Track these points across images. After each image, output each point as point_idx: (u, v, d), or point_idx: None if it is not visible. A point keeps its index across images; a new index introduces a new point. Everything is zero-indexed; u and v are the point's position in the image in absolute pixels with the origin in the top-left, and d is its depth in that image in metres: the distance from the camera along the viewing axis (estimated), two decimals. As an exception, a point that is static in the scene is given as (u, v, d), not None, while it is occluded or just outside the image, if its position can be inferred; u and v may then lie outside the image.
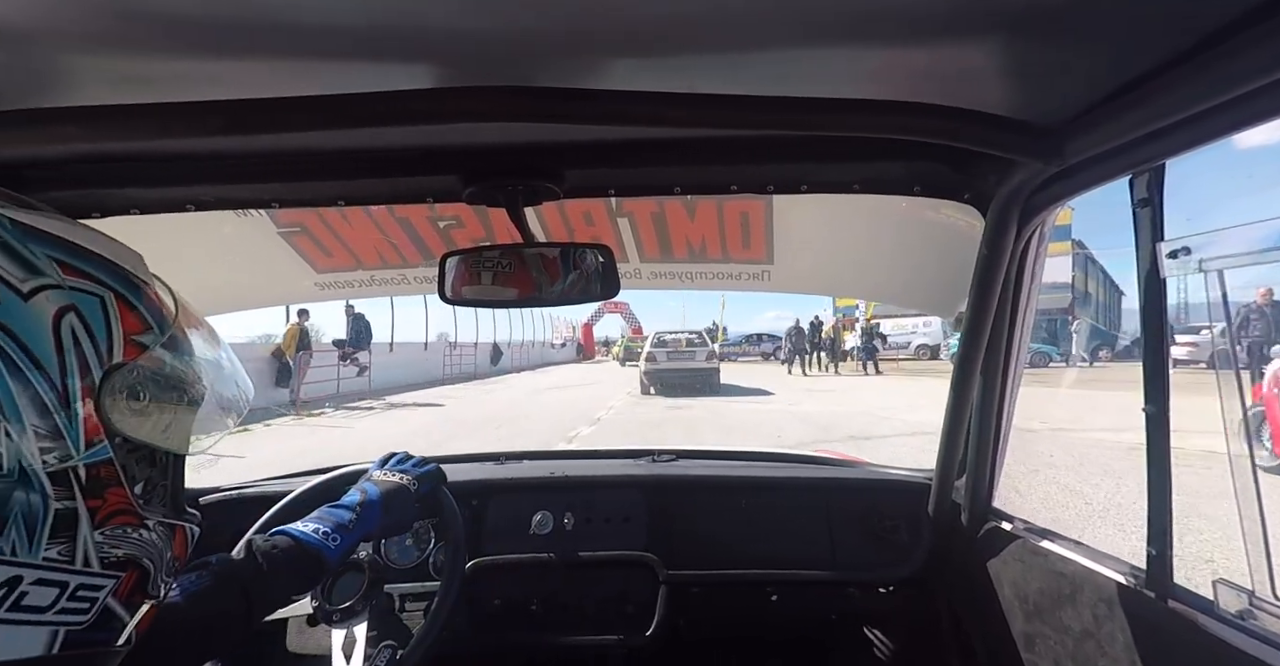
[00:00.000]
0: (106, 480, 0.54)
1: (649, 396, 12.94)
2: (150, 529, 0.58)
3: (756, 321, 76.39)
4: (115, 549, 0.55)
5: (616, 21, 0.55)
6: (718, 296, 41.01)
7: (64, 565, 0.50)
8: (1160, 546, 0.84)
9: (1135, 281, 0.83)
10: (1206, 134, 0.62)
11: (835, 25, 0.56)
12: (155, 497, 0.61)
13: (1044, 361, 17.15)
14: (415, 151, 0.93)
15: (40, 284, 0.50)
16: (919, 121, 0.73)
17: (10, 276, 0.48)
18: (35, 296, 0.49)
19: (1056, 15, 0.53)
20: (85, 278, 0.54)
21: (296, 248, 1.42)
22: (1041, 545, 1.07)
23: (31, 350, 0.49)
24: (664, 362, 13.54)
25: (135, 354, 0.56)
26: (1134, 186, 0.80)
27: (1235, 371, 0.89)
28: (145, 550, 0.58)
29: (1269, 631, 0.73)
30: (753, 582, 1.38)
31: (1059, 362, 17.61)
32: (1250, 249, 0.85)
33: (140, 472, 0.59)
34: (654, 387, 13.31)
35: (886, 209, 1.25)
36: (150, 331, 0.58)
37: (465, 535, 1.12)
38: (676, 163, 0.95)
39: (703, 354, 13.88)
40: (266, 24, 0.54)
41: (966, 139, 0.75)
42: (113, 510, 0.54)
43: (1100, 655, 0.91)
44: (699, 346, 14.14)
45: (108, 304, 0.55)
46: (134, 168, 0.92)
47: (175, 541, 0.63)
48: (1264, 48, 0.49)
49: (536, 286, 1.02)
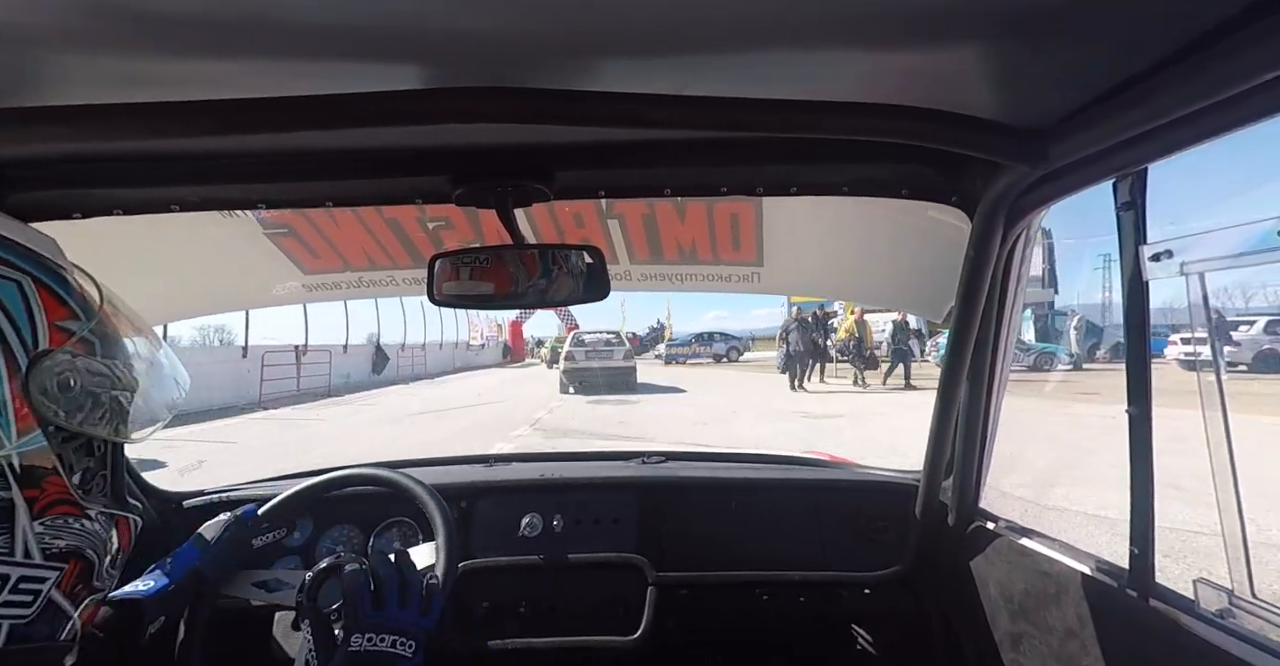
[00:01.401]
0: (43, 469, 0.53)
1: (568, 395, 12.85)
2: (92, 519, 0.58)
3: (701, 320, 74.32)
4: (57, 540, 0.54)
5: (607, 23, 0.55)
6: (661, 297, 39.02)
7: (3, 557, 0.50)
8: (1142, 546, 0.85)
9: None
10: (1188, 139, 0.63)
11: (824, 29, 0.57)
12: (95, 487, 0.61)
13: (1049, 363, 14.46)
14: (404, 152, 0.92)
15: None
16: (906, 124, 0.73)
17: None
18: None
19: (1042, 21, 0.54)
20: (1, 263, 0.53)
21: (284, 249, 1.41)
22: (1027, 545, 1.08)
23: None
24: (582, 361, 13.67)
25: (62, 340, 0.55)
26: (1117, 190, 0.81)
27: (1216, 373, 0.91)
28: (88, 541, 0.57)
29: (1248, 630, 0.74)
30: (742, 584, 1.39)
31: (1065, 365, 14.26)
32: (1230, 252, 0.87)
33: (78, 462, 0.59)
34: (573, 386, 13.39)
35: (875, 211, 1.26)
36: (75, 318, 0.57)
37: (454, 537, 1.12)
38: (667, 164, 0.95)
39: (620, 353, 14.08)
40: (254, 23, 0.54)
41: (953, 142, 0.76)
42: (51, 500, 0.54)
43: (1084, 654, 0.92)
44: (616, 346, 14.32)
45: (26, 289, 0.54)
46: (117, 167, 0.90)
47: (119, 532, 0.62)
48: (1245, 53, 0.50)
49: (526, 288, 1.02)
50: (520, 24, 0.55)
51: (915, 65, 0.65)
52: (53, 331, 0.55)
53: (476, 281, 1.03)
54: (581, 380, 13.40)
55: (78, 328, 0.57)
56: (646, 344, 32.86)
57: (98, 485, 0.61)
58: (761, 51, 0.62)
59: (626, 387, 13.51)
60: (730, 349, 26.14)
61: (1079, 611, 0.94)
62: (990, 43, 0.59)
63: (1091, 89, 0.66)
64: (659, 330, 34.22)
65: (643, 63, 0.64)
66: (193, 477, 5.90)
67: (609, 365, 13.71)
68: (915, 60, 0.64)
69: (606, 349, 14.06)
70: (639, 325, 40.55)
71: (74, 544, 0.56)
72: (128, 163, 0.90)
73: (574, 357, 13.74)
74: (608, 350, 14.02)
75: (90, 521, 0.58)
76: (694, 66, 0.65)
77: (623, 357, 14.04)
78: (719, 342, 26.40)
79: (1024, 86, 0.69)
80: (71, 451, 0.58)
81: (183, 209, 1.02)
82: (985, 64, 0.64)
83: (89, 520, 0.58)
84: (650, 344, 32.94)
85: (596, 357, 13.79)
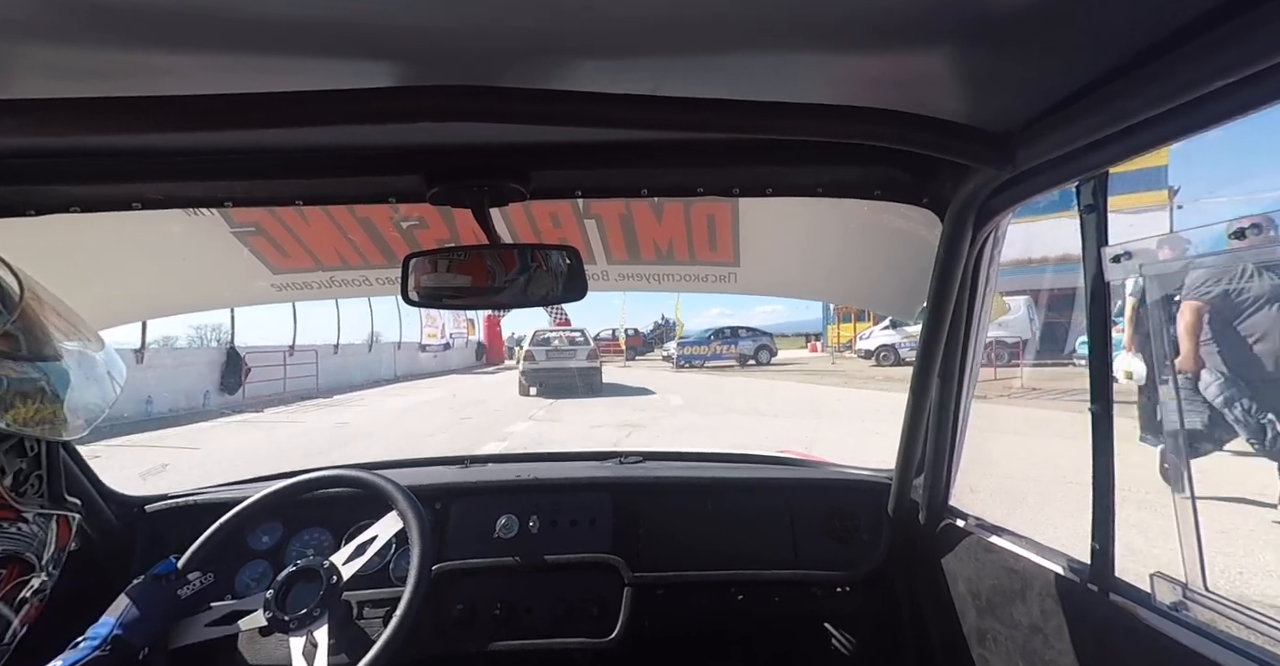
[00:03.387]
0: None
1: (528, 398, 12.20)
2: (29, 522, 0.57)
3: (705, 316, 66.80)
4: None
5: (583, 22, 0.55)
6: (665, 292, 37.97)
7: None
8: (1103, 542, 0.87)
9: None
10: (1149, 142, 0.65)
11: (796, 33, 0.57)
12: (30, 489, 0.59)
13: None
14: (378, 151, 0.91)
15: None
16: (878, 127, 0.75)
17: None
18: None
19: (1007, 27, 0.55)
20: None
21: (251, 248, 1.38)
22: (994, 542, 1.11)
23: None
24: (543, 362, 12.91)
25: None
26: (1080, 193, 0.84)
27: (1170, 367, 0.94)
28: (25, 544, 0.56)
29: (1200, 622, 0.77)
30: (717, 583, 1.40)
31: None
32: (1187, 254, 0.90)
33: (10, 464, 0.57)
34: (534, 388, 12.72)
35: (849, 212, 1.28)
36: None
37: (429, 539, 1.11)
38: (644, 165, 0.95)
39: (584, 352, 13.33)
40: (221, 16, 0.52)
41: (923, 144, 0.77)
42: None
43: (1047, 648, 0.95)
44: (580, 345, 13.57)
45: None
46: (75, 163, 0.87)
47: (59, 530, 0.61)
48: (1206, 59, 0.52)
49: (503, 288, 1.01)
50: (495, 22, 0.55)
51: (886, 69, 0.66)
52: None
53: (452, 281, 1.02)
54: (542, 382, 12.79)
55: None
56: (650, 342, 30.38)
57: (32, 486, 0.60)
58: (735, 54, 0.62)
59: (590, 389, 12.86)
60: (760, 348, 20.32)
61: (1043, 607, 0.96)
62: (958, 47, 0.60)
63: (1056, 93, 0.68)
64: (665, 327, 31.24)
65: (617, 63, 0.64)
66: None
67: (571, 365, 13.01)
68: (886, 64, 0.65)
69: (569, 348, 13.33)
70: (642, 321, 37.05)
71: (10, 548, 0.55)
72: (86, 158, 0.87)
73: (534, 357, 12.93)
74: (570, 350, 13.29)
75: (27, 524, 0.57)
76: (669, 67, 0.65)
77: (586, 358, 13.36)
78: (745, 340, 20.36)
79: (991, 91, 0.70)
80: (2, 453, 0.56)
81: (145, 207, 0.99)
82: (953, 68, 0.65)
83: (25, 523, 0.57)
84: (655, 342, 30.08)
85: (558, 357, 13.06)
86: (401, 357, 20.35)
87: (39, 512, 0.59)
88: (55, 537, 0.61)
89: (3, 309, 0.56)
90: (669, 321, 30.49)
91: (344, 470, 1.22)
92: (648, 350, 29.24)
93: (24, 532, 0.56)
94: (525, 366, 12.98)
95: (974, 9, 0.52)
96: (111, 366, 0.70)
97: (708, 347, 20.30)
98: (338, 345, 16.84)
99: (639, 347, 28.86)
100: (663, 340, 28.63)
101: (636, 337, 29.51)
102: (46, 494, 0.61)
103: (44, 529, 0.59)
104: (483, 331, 27.74)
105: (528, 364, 12.97)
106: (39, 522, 0.58)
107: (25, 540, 0.56)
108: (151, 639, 1.03)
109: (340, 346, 17.06)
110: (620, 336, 26.30)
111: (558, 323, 20.12)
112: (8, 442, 0.57)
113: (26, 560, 0.56)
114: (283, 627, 1.03)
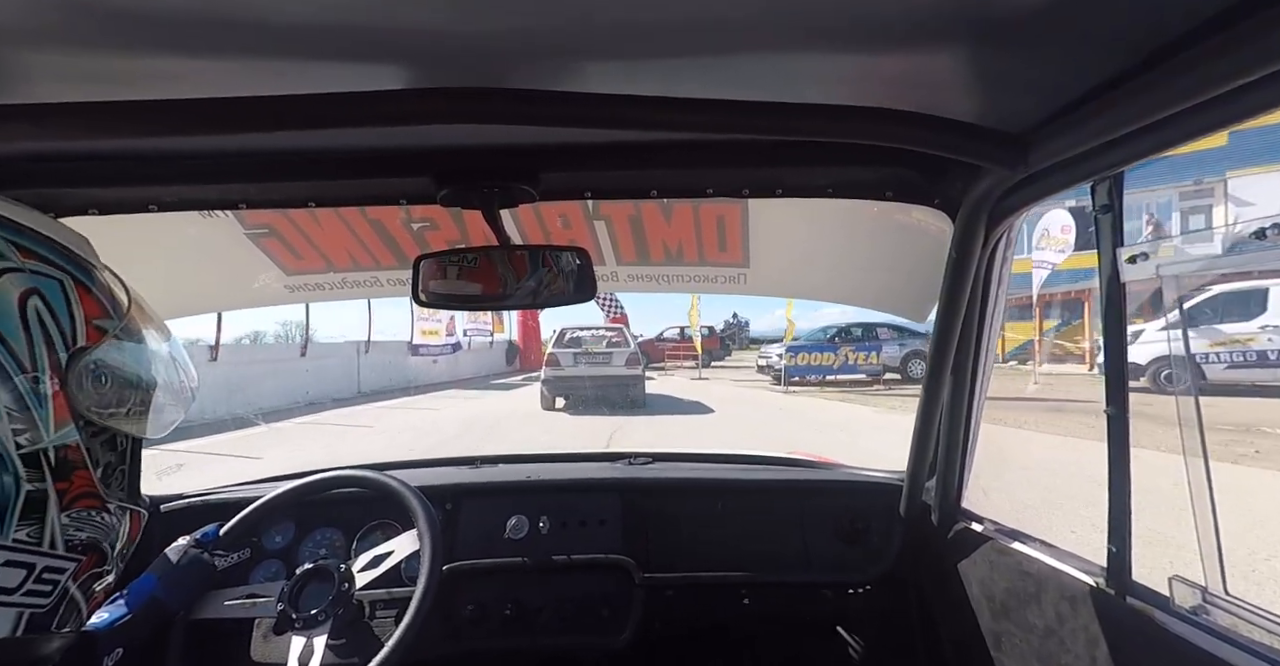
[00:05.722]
0: (73, 463, 0.55)
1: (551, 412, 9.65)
2: (111, 513, 0.60)
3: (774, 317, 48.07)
4: (79, 531, 0.56)
5: (593, 24, 0.55)
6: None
7: (32, 546, 0.51)
8: (1120, 545, 0.86)
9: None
10: (1165, 142, 0.64)
11: (808, 33, 0.57)
12: (114, 482, 0.62)
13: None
14: (389, 153, 0.92)
15: (2, 267, 0.51)
16: (889, 128, 0.74)
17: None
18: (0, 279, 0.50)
19: (1020, 27, 0.55)
20: (43, 261, 0.54)
21: (265, 249, 1.39)
22: (1008, 545, 1.10)
23: (1, 332, 0.49)
24: (569, 368, 10.18)
25: (96, 338, 0.57)
26: (1095, 193, 0.82)
27: (1190, 372, 0.93)
28: (105, 533, 0.59)
29: (1221, 626, 0.76)
30: (728, 585, 1.39)
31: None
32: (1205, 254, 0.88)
33: (103, 456, 0.60)
34: (560, 399, 10.23)
35: (860, 213, 1.27)
36: (108, 316, 0.60)
37: (439, 539, 1.11)
38: (653, 166, 0.95)
39: (621, 357, 10.36)
40: (235, 21, 0.53)
41: (935, 145, 0.77)
42: (79, 493, 0.56)
43: (1063, 652, 0.93)
44: (618, 347, 10.59)
45: (67, 287, 0.56)
46: (93, 166, 0.89)
47: (131, 525, 0.64)
48: (1220, 58, 0.51)
49: (513, 289, 1.01)
50: (505, 25, 0.55)
51: (898, 70, 0.65)
52: (89, 328, 0.57)
53: (462, 282, 1.03)
54: (569, 392, 10.23)
55: (110, 326, 0.60)
56: (727, 343, 23.75)
57: (117, 479, 0.63)
58: (746, 55, 0.62)
59: (629, 404, 10.02)
60: (910, 356, 13.13)
61: (1058, 610, 0.95)
62: (970, 48, 0.60)
63: (1069, 93, 0.67)
64: (737, 326, 25.71)
65: (629, 64, 0.64)
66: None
67: (607, 373, 10.17)
68: (897, 65, 0.64)
69: (604, 352, 10.43)
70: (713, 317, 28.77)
71: (93, 536, 0.58)
72: (104, 162, 0.88)
73: (559, 362, 10.27)
74: (605, 353, 10.41)
75: (110, 515, 0.60)
76: (679, 69, 0.65)
77: (625, 363, 10.34)
78: (889, 343, 13.26)
79: (1004, 91, 0.70)
80: (99, 445, 0.60)
81: (161, 209, 1.00)
82: (966, 69, 0.65)
83: (108, 513, 0.60)
84: (732, 343, 24.09)
85: (590, 363, 10.28)
86: (377, 364, 14.03)
87: (120, 505, 0.61)
88: (127, 532, 0.63)
89: (114, 314, 0.61)
90: (740, 320, 25.49)
91: (358, 471, 1.23)
92: (725, 354, 22.81)
93: (105, 523, 0.59)
94: (548, 373, 10.38)
95: (986, 9, 0.52)
96: (187, 372, 0.75)
97: (834, 356, 13.03)
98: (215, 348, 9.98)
99: (715, 351, 21.46)
100: (741, 340, 24.35)
101: (714, 338, 21.93)
102: (127, 488, 0.65)
103: (121, 522, 0.62)
104: (516, 329, 21.10)
105: (550, 370, 10.38)
106: (118, 515, 0.61)
107: (106, 530, 0.59)
108: (185, 605, 1.05)
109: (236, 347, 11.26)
110: (695, 336, 17.84)
111: (612, 319, 14.83)
112: (103, 436, 0.60)
113: (103, 550, 0.59)
114: (289, 624, 1.03)
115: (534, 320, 20.68)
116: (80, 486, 0.56)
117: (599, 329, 11.65)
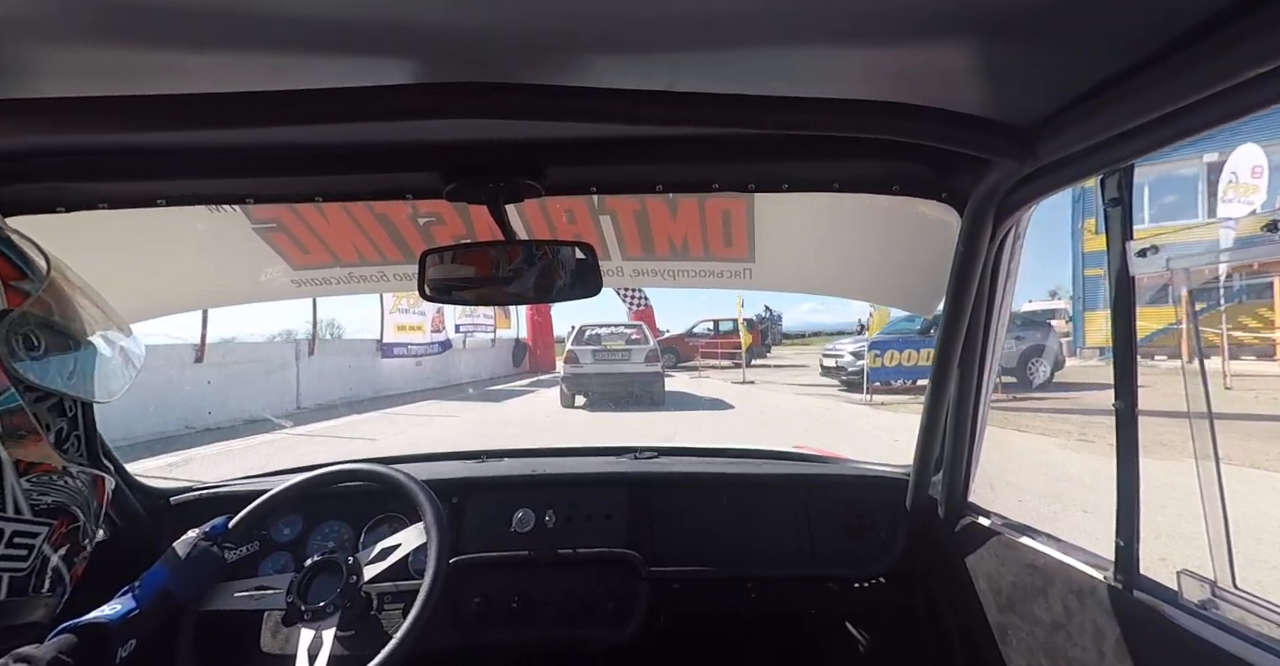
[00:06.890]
0: (22, 429, 0.56)
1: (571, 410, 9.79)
2: (74, 476, 0.61)
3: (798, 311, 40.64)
4: (44, 496, 0.57)
5: (599, 18, 0.55)
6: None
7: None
8: (1128, 539, 0.86)
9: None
10: (1174, 134, 0.64)
11: (814, 27, 0.57)
12: (70, 447, 0.63)
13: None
14: (395, 147, 0.92)
15: None
16: (897, 121, 0.74)
17: None
18: None
19: (1028, 19, 0.54)
20: None
21: (272, 244, 1.40)
22: (1015, 539, 1.10)
23: None
24: (589, 365, 10.23)
25: (19, 300, 0.58)
26: (1104, 186, 0.82)
27: (1200, 365, 0.92)
28: (72, 497, 0.61)
29: (1229, 620, 0.76)
30: (734, 579, 1.39)
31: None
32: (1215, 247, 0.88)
33: (53, 422, 0.61)
34: (579, 397, 10.30)
35: (867, 207, 1.27)
36: (27, 278, 0.60)
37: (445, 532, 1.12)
38: (658, 161, 0.95)
39: (640, 354, 10.37)
40: (241, 16, 0.53)
41: (942, 139, 0.76)
42: (34, 459, 0.57)
43: (1070, 645, 0.93)
44: (637, 344, 10.55)
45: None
46: (102, 161, 0.89)
47: (97, 490, 0.65)
48: (1230, 51, 0.51)
49: (518, 284, 1.01)
50: (511, 20, 0.55)
51: (905, 62, 0.65)
52: (9, 291, 0.57)
53: (467, 277, 1.03)
54: (589, 389, 10.32)
55: (31, 288, 0.60)
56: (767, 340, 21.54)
57: (73, 444, 0.64)
58: (752, 48, 0.62)
59: (650, 400, 10.15)
60: (1033, 352, 10.32)
61: (1065, 603, 0.95)
62: (978, 40, 0.59)
63: (1078, 86, 0.67)
64: (770, 320, 23.32)
65: (633, 58, 0.64)
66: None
67: (626, 370, 10.21)
68: (905, 57, 0.64)
69: (624, 349, 10.43)
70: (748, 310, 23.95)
71: (60, 500, 0.59)
72: (112, 156, 0.89)
73: (578, 360, 10.31)
74: (624, 351, 10.40)
75: (72, 479, 0.61)
76: (685, 63, 0.65)
77: (644, 360, 10.32)
78: (1034, 329, 10.57)
79: (1012, 83, 0.69)
80: (45, 411, 0.60)
81: (169, 203, 1.01)
82: (973, 61, 0.64)
83: (71, 477, 0.61)
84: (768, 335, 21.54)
85: (609, 360, 10.28)
86: (329, 370, 11.20)
87: (81, 469, 0.63)
88: (94, 495, 0.65)
89: (33, 276, 0.61)
90: (775, 314, 22.91)
91: (365, 465, 1.23)
92: (765, 351, 20.89)
93: (70, 487, 0.60)
94: (568, 371, 10.43)
95: (994, 2, 0.52)
96: (133, 347, 0.76)
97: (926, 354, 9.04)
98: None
99: (755, 348, 18.66)
100: (776, 334, 22.00)
101: (755, 332, 18.78)
102: (85, 453, 0.66)
103: (86, 486, 0.63)
104: (525, 325, 19.16)
105: (570, 367, 10.40)
106: (82, 479, 0.62)
107: (72, 494, 0.61)
108: (195, 597, 1.06)
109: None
110: (740, 329, 15.79)
111: (635, 314, 14.38)
112: (49, 401, 0.61)
113: (73, 513, 0.60)
114: (298, 616, 1.04)
115: (544, 316, 18.87)
116: (35, 452, 0.57)
117: (618, 326, 11.35)
